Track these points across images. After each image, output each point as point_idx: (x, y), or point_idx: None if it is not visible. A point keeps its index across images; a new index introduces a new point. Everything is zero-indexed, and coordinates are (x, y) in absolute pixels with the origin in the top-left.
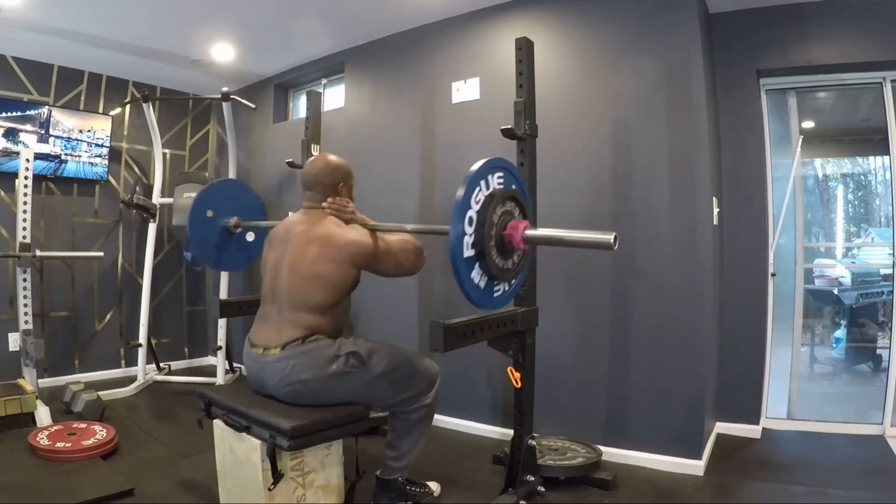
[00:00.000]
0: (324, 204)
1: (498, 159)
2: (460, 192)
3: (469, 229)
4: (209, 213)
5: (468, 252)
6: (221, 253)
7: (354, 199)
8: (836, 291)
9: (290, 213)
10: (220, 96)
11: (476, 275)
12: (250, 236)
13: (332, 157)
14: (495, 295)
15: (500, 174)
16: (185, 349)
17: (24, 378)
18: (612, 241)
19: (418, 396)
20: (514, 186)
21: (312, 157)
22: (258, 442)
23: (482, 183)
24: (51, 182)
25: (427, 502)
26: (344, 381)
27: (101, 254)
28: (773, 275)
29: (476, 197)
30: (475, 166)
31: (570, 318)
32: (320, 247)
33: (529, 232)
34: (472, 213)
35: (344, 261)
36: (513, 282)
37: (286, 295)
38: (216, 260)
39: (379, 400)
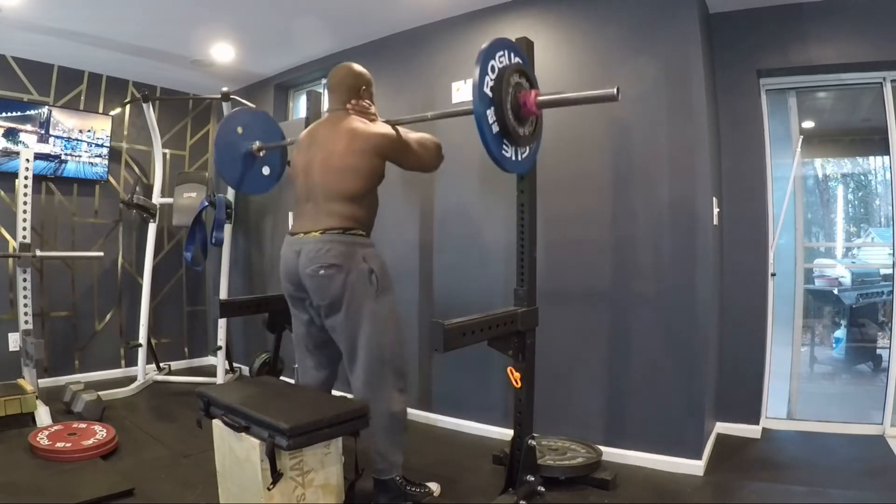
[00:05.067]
0: (347, 105)
1: (510, 42)
2: (483, 48)
3: (492, 75)
4: (239, 130)
5: (490, 117)
6: (244, 174)
7: (375, 104)
8: (836, 291)
9: (290, 213)
10: (220, 96)
11: (494, 122)
12: (266, 170)
13: (356, 65)
14: (514, 159)
15: (514, 53)
16: (185, 349)
17: (24, 378)
18: (615, 92)
19: (382, 384)
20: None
21: (337, 66)
22: (257, 441)
23: (499, 53)
24: (51, 182)
25: (427, 502)
26: (357, 286)
27: (101, 254)
28: (773, 275)
29: (499, 57)
30: (487, 42)
31: (571, 317)
32: (348, 141)
33: (541, 97)
34: (489, 80)
35: (370, 151)
36: (528, 148)
37: (321, 189)
38: (238, 180)
39: (357, 343)
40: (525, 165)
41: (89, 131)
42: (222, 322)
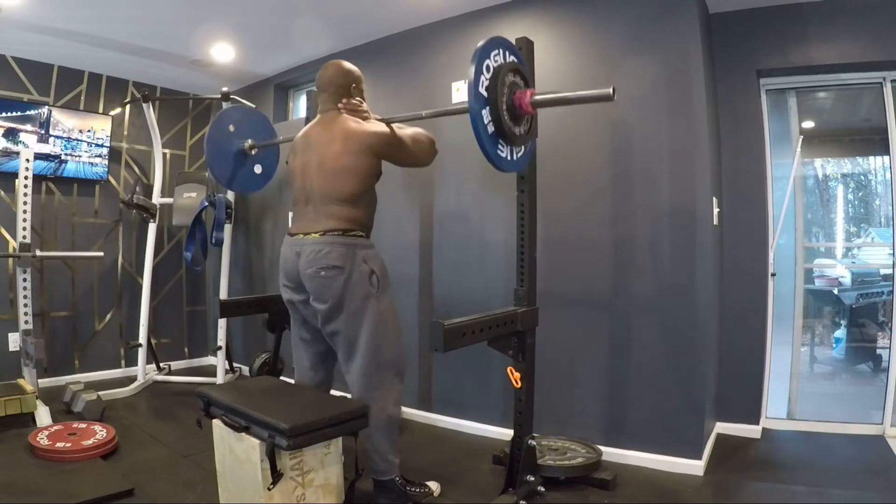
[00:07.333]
0: (339, 105)
1: (506, 40)
2: (478, 46)
3: (487, 74)
4: (231, 128)
5: (486, 116)
6: (235, 172)
7: (366, 100)
8: (836, 291)
9: (290, 213)
10: (220, 96)
11: (489, 122)
12: (258, 169)
13: (344, 63)
14: (509, 158)
15: (509, 52)
16: (185, 349)
17: (24, 378)
18: (611, 92)
19: (380, 385)
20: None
21: (325, 64)
22: (257, 441)
23: (495, 52)
24: (51, 182)
25: (427, 502)
26: (358, 287)
27: (101, 254)
28: (773, 275)
29: (494, 56)
30: (483, 41)
31: (570, 317)
32: (342, 142)
33: (536, 97)
34: (485, 80)
35: (365, 151)
36: (523, 147)
37: (318, 192)
38: (230, 178)
39: (357, 344)
40: (520, 164)
41: (89, 131)
42: (222, 322)
